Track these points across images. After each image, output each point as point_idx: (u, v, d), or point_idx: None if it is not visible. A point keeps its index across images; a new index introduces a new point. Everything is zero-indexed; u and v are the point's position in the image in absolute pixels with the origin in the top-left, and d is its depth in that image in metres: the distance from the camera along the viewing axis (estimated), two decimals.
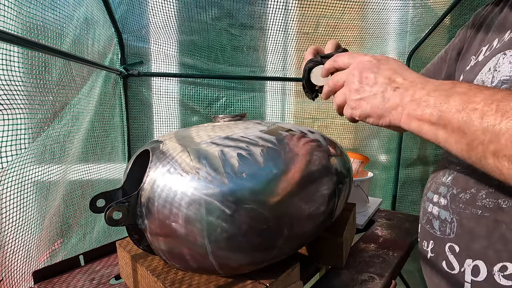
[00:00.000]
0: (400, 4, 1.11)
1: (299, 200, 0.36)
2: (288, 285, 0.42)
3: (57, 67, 0.65)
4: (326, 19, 1.11)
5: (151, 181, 0.35)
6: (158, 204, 0.33)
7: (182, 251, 0.35)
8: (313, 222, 0.39)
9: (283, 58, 1.21)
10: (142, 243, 0.43)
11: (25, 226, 0.55)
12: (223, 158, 0.33)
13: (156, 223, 0.34)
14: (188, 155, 0.35)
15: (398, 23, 1.19)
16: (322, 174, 0.40)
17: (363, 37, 1.21)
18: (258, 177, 0.33)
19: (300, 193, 0.36)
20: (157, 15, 0.96)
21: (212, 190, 0.32)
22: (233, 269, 0.37)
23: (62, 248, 0.70)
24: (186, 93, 1.15)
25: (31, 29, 0.57)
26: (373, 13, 1.12)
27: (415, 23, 1.19)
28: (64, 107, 0.68)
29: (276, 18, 1.05)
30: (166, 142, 0.39)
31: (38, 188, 0.60)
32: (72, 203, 0.73)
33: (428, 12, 1.15)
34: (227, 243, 0.33)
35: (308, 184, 0.37)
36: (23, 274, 0.55)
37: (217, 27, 1.05)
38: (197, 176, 0.32)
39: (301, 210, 0.36)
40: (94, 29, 0.83)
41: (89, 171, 0.82)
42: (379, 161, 1.42)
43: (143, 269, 0.42)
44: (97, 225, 0.87)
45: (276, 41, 1.13)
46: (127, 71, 1.01)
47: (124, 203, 0.35)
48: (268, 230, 0.34)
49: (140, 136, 1.11)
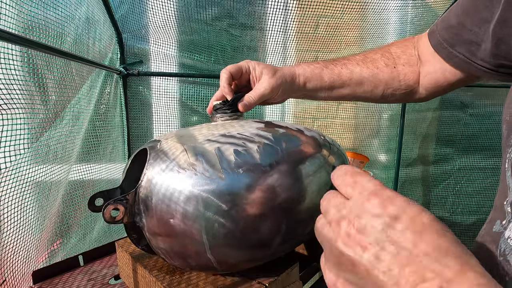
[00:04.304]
0: (400, 4, 1.11)
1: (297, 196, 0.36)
2: (287, 285, 0.42)
3: (58, 66, 0.65)
4: (326, 19, 1.11)
5: (148, 178, 0.35)
6: (155, 201, 0.33)
7: (181, 248, 0.35)
8: (312, 218, 0.39)
9: (283, 59, 1.21)
10: (141, 242, 0.43)
11: (26, 227, 0.55)
12: (219, 155, 0.33)
13: (154, 220, 0.34)
14: (185, 152, 0.35)
15: (398, 23, 1.19)
16: (319, 171, 0.39)
17: (363, 37, 1.21)
18: (255, 173, 0.33)
19: (298, 189, 0.36)
20: (157, 15, 0.96)
21: (209, 186, 0.32)
22: (231, 265, 0.37)
23: (61, 248, 0.70)
24: (185, 93, 1.15)
25: (32, 28, 0.57)
26: (373, 13, 1.12)
27: (415, 23, 1.19)
28: (65, 107, 0.68)
29: (276, 18, 1.05)
30: (163, 141, 0.39)
31: (40, 188, 0.60)
32: (73, 203, 0.74)
33: (428, 12, 1.15)
34: (225, 239, 0.33)
35: (305, 181, 0.37)
36: (24, 274, 0.55)
37: (217, 27, 1.05)
38: (194, 172, 0.32)
39: (299, 206, 0.36)
40: (95, 28, 0.83)
41: (90, 171, 0.82)
42: (379, 161, 1.42)
43: (143, 269, 0.42)
44: (97, 225, 0.87)
45: (276, 41, 1.14)
46: (126, 70, 1.01)
47: (122, 200, 0.35)
48: (265, 226, 0.34)
49: (140, 135, 1.11)
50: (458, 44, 0.44)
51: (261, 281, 0.39)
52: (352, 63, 0.54)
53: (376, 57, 0.54)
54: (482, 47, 0.41)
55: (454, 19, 0.45)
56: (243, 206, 0.32)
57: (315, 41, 1.18)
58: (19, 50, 0.53)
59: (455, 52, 0.45)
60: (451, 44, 0.45)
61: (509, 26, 0.35)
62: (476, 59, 0.42)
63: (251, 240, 0.34)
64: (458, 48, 0.44)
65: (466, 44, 0.43)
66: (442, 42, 0.46)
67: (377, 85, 0.54)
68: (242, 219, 0.32)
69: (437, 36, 0.47)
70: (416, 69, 0.52)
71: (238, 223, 0.32)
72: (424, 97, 0.54)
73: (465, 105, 1.41)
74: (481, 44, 0.41)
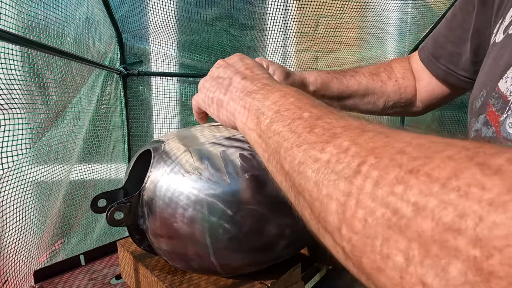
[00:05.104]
0: (400, 4, 1.11)
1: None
2: (289, 285, 0.42)
3: (58, 66, 0.65)
4: (326, 19, 1.11)
5: (152, 181, 0.35)
6: (160, 204, 0.34)
7: (184, 252, 0.35)
8: None
9: (283, 59, 1.21)
10: (144, 243, 0.43)
11: (28, 227, 0.55)
12: (225, 159, 0.33)
13: (158, 224, 0.34)
14: (191, 155, 0.35)
15: (398, 23, 1.19)
16: None
17: (363, 37, 1.22)
18: (260, 178, 0.33)
19: None
20: (157, 15, 0.96)
21: (214, 191, 0.32)
22: (234, 269, 0.37)
23: (63, 248, 0.70)
24: (185, 93, 1.15)
25: (32, 28, 0.57)
26: (373, 13, 1.12)
27: (415, 23, 1.19)
28: (66, 107, 0.68)
29: (275, 18, 1.05)
30: (168, 142, 0.39)
31: (41, 188, 0.60)
32: (74, 203, 0.73)
33: (428, 12, 1.16)
34: (228, 244, 0.33)
35: None
36: (25, 274, 0.55)
37: (217, 28, 1.05)
38: (199, 176, 0.33)
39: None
40: (95, 28, 0.83)
41: (91, 171, 0.82)
42: None
43: (144, 268, 0.42)
44: (98, 225, 0.87)
45: (276, 41, 1.13)
46: (126, 70, 1.01)
47: (126, 203, 0.35)
48: (270, 230, 0.34)
49: (140, 136, 1.11)
50: (443, 57, 0.48)
51: (263, 282, 0.39)
52: (359, 75, 0.56)
53: (380, 71, 0.57)
54: (463, 57, 0.45)
55: (439, 34, 0.49)
56: (248, 211, 0.32)
57: (315, 41, 1.18)
58: (19, 50, 0.53)
59: (439, 65, 0.49)
60: (436, 57, 0.49)
61: (483, 34, 0.40)
62: (458, 69, 0.46)
63: (255, 244, 0.34)
64: (442, 61, 0.48)
65: (449, 56, 0.47)
66: (429, 56, 0.50)
67: (380, 97, 0.56)
68: (246, 224, 0.32)
69: (425, 52, 0.52)
70: (414, 83, 0.56)
71: (243, 228, 0.32)
72: (420, 110, 0.58)
73: (465, 105, 1.42)
74: (463, 55, 0.45)
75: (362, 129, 0.17)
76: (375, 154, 0.15)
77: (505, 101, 0.29)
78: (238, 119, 0.28)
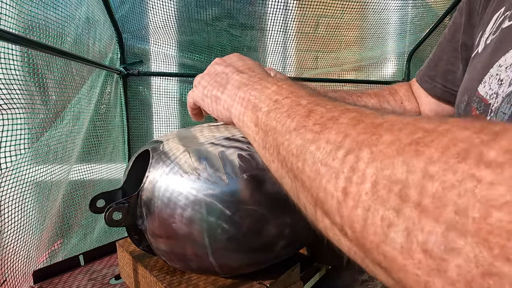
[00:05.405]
0: (400, 4, 1.11)
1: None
2: (288, 285, 0.42)
3: (58, 66, 0.65)
4: (326, 19, 1.11)
5: (151, 181, 0.35)
6: (158, 204, 0.33)
7: (182, 252, 0.35)
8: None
9: (283, 59, 1.21)
10: (142, 243, 0.43)
11: (27, 227, 0.56)
12: (223, 159, 0.33)
13: (156, 224, 0.34)
14: (189, 156, 0.34)
15: (398, 23, 1.19)
16: None
17: (363, 37, 1.21)
18: (259, 178, 0.33)
19: None
20: (157, 15, 0.96)
21: (212, 191, 0.32)
22: (233, 269, 0.37)
23: (62, 248, 0.70)
24: (186, 93, 1.15)
25: (32, 28, 0.57)
26: (373, 13, 1.12)
27: (415, 23, 1.19)
28: (66, 107, 0.68)
29: (275, 18, 1.05)
30: (167, 142, 0.39)
31: (41, 188, 0.60)
32: (73, 203, 0.73)
33: (428, 12, 1.15)
34: (227, 244, 0.33)
35: None
36: (24, 274, 0.55)
37: (217, 28, 1.05)
38: (198, 176, 0.32)
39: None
40: (95, 28, 0.83)
41: (91, 171, 0.82)
42: None
43: (143, 269, 0.42)
44: (98, 225, 0.87)
45: (276, 41, 1.13)
46: (126, 70, 1.01)
47: (124, 203, 0.35)
48: (269, 230, 0.34)
49: (140, 136, 1.11)
50: (438, 76, 0.49)
51: (262, 282, 0.39)
52: (366, 96, 0.56)
53: (385, 93, 0.58)
54: (458, 74, 0.46)
55: (433, 56, 0.51)
56: (247, 211, 0.32)
57: (315, 41, 1.18)
58: (19, 50, 0.53)
59: (435, 83, 0.50)
60: (432, 77, 0.50)
61: (470, 48, 0.42)
62: (453, 86, 0.47)
63: (253, 245, 0.34)
64: (437, 79, 0.49)
65: (444, 74, 0.48)
66: (425, 76, 0.52)
67: None
68: (245, 224, 0.32)
69: (421, 73, 0.53)
70: (417, 106, 0.57)
71: (241, 228, 0.32)
72: None
73: None
74: (456, 71, 0.46)
75: (360, 113, 0.18)
76: (374, 133, 0.15)
77: (486, 104, 0.30)
78: (235, 113, 0.28)
